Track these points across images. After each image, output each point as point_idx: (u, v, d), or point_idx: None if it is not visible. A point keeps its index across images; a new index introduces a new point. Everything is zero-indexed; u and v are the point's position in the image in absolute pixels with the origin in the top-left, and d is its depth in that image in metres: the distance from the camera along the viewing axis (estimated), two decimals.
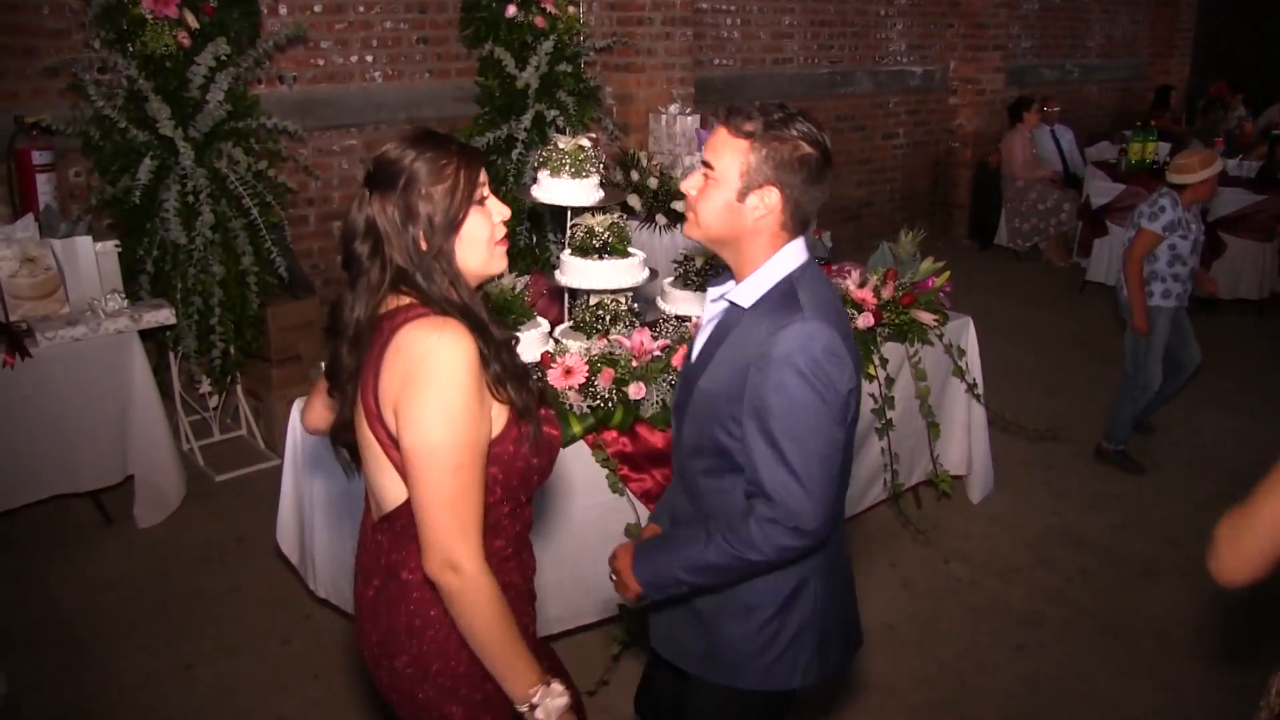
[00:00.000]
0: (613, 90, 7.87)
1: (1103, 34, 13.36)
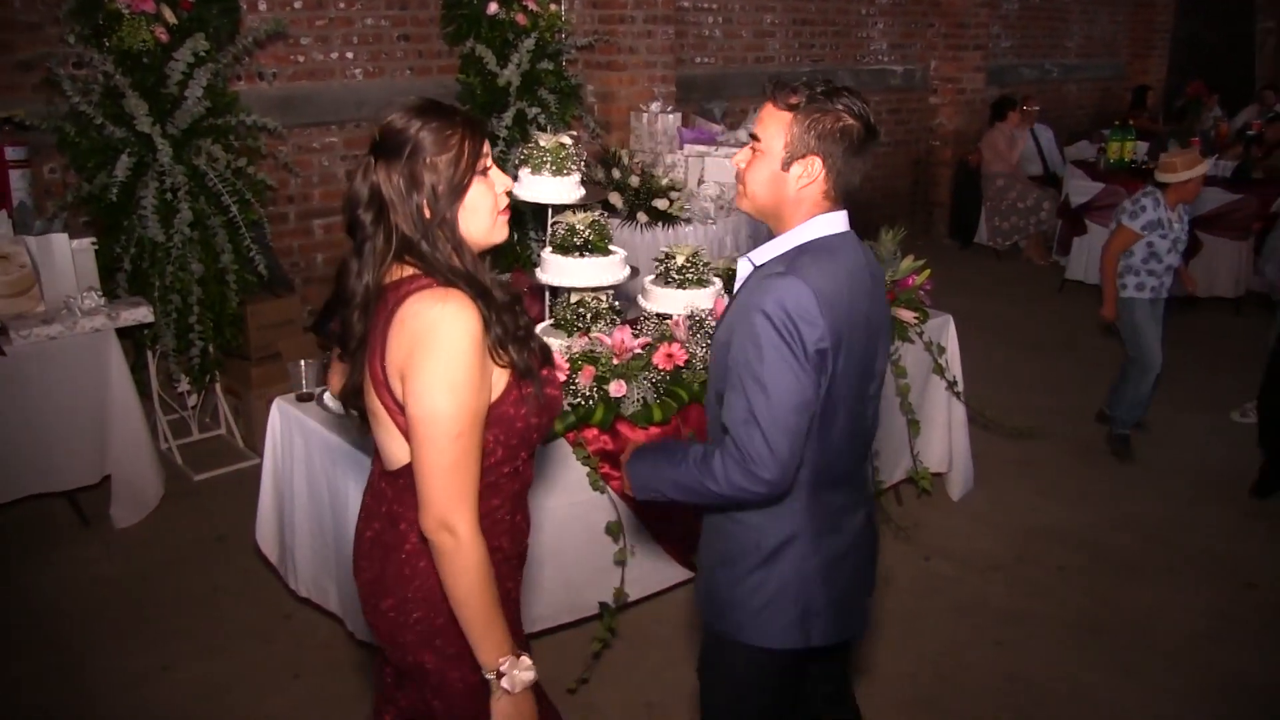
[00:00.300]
0: (594, 88, 7.86)
1: (1082, 34, 13.42)
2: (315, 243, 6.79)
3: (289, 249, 6.64)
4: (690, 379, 3.82)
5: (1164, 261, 5.61)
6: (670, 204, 6.61)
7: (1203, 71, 13.58)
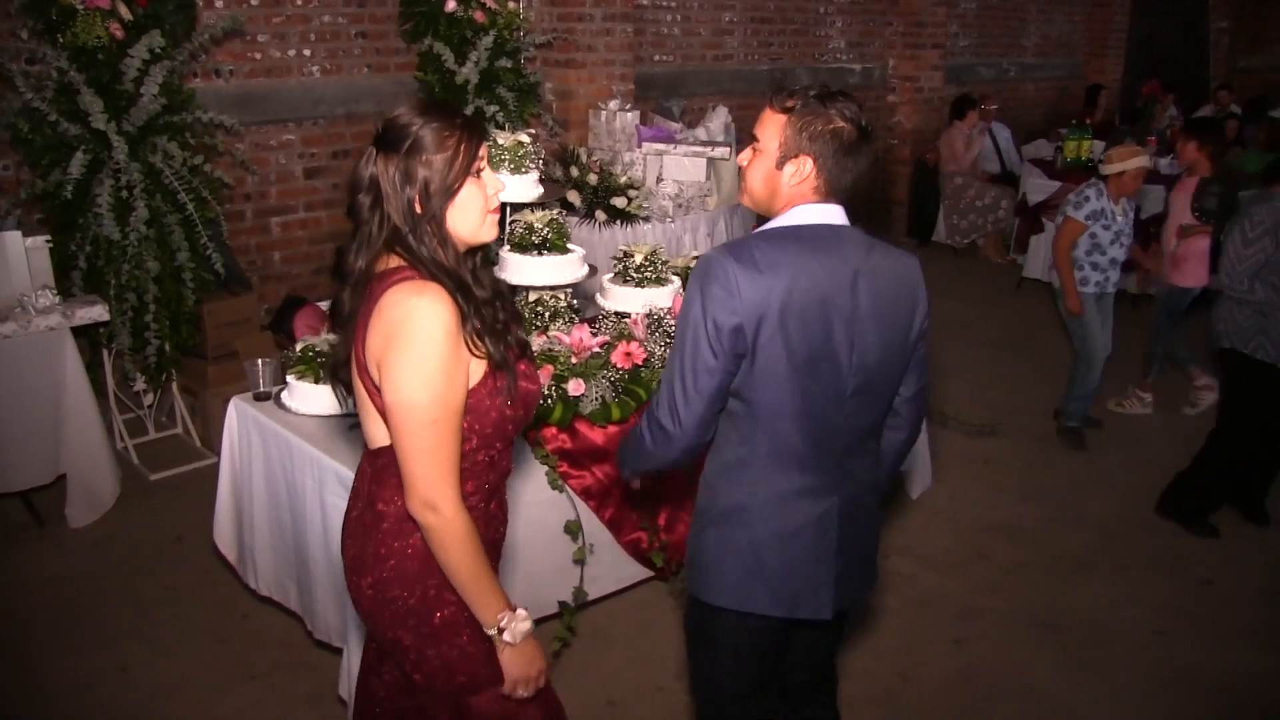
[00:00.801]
0: (553, 86, 7.85)
1: (1039, 33, 13.52)
2: (272, 241, 6.75)
3: (246, 247, 6.60)
4: (649, 377, 3.83)
5: (1107, 254, 5.75)
6: (629, 202, 6.62)
7: (1159, 71, 13.73)
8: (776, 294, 2.27)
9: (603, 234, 6.53)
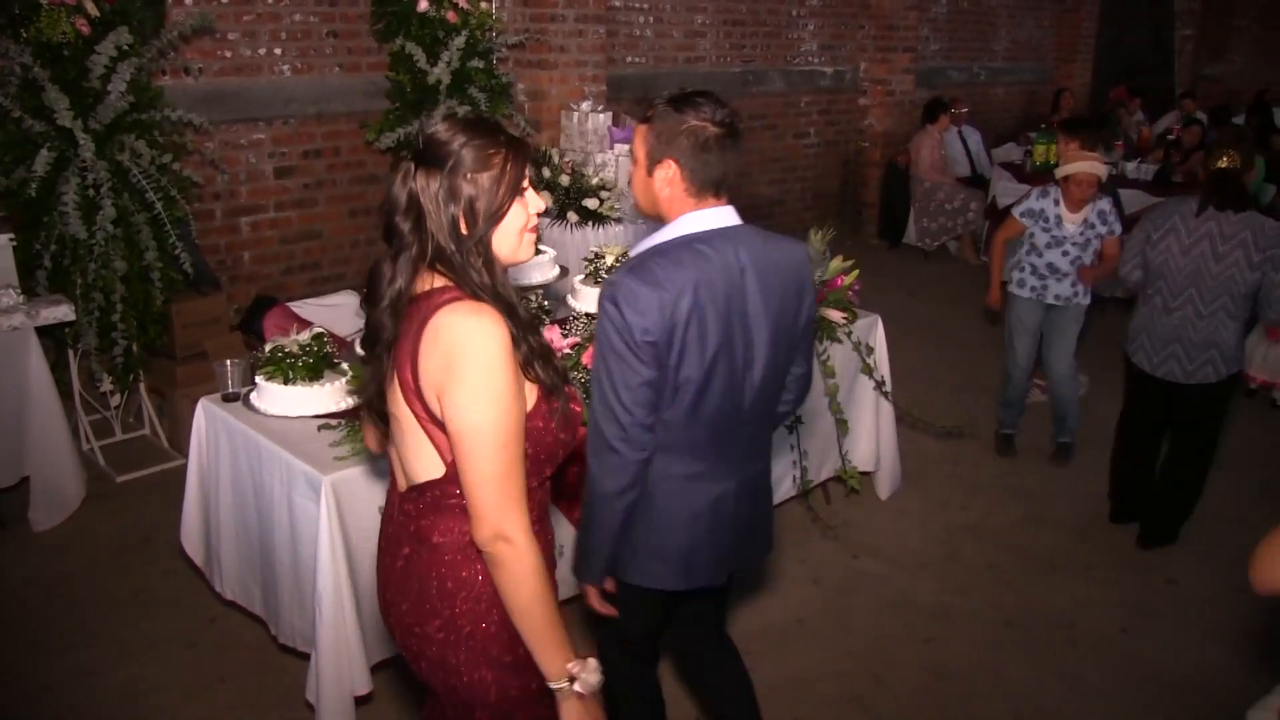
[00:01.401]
0: (525, 87, 7.84)
1: (1009, 38, 13.61)
2: (242, 240, 6.70)
3: (215, 247, 6.54)
4: None
5: (1044, 258, 5.60)
6: (600, 203, 6.61)
7: (1126, 77, 13.85)
8: (683, 306, 2.41)
9: (574, 235, 6.52)
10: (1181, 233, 4.63)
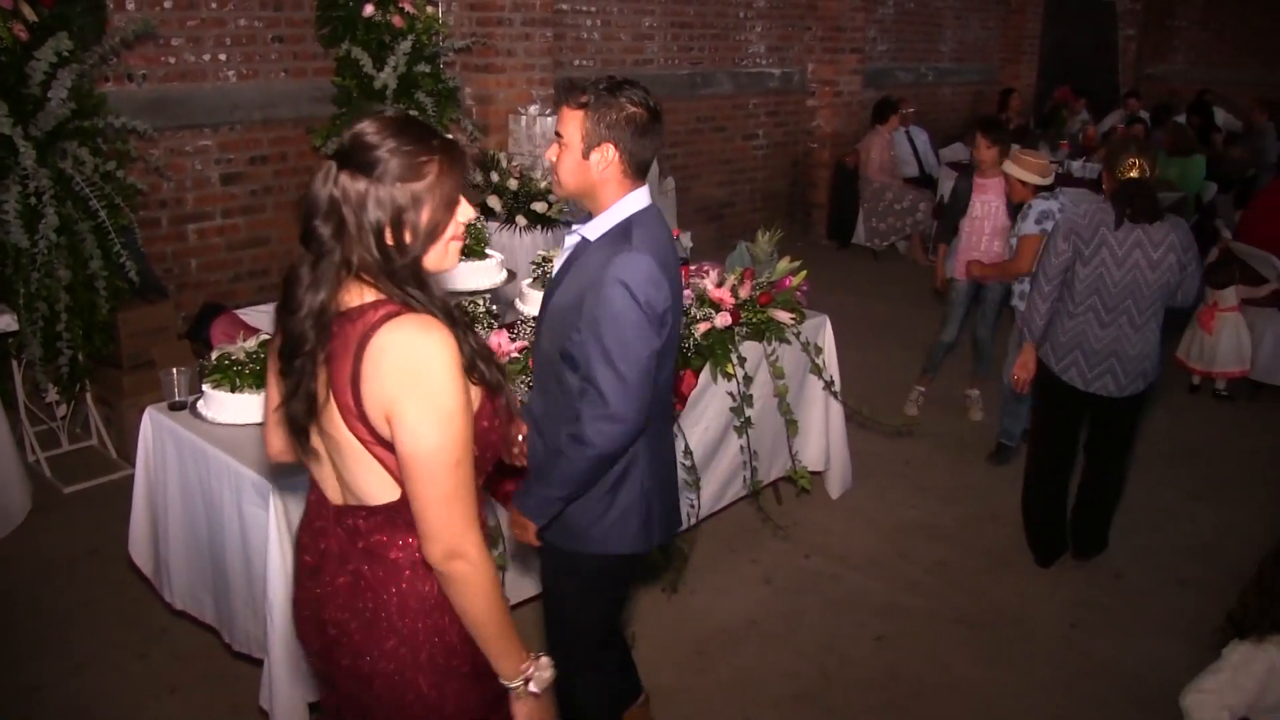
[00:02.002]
0: (472, 91, 7.82)
1: (955, 39, 13.75)
2: (189, 248, 6.65)
3: (162, 254, 6.49)
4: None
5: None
6: (549, 207, 6.61)
7: (1070, 77, 14.03)
8: (672, 274, 2.67)
9: (523, 239, 6.52)
10: (1112, 244, 4.38)
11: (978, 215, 6.11)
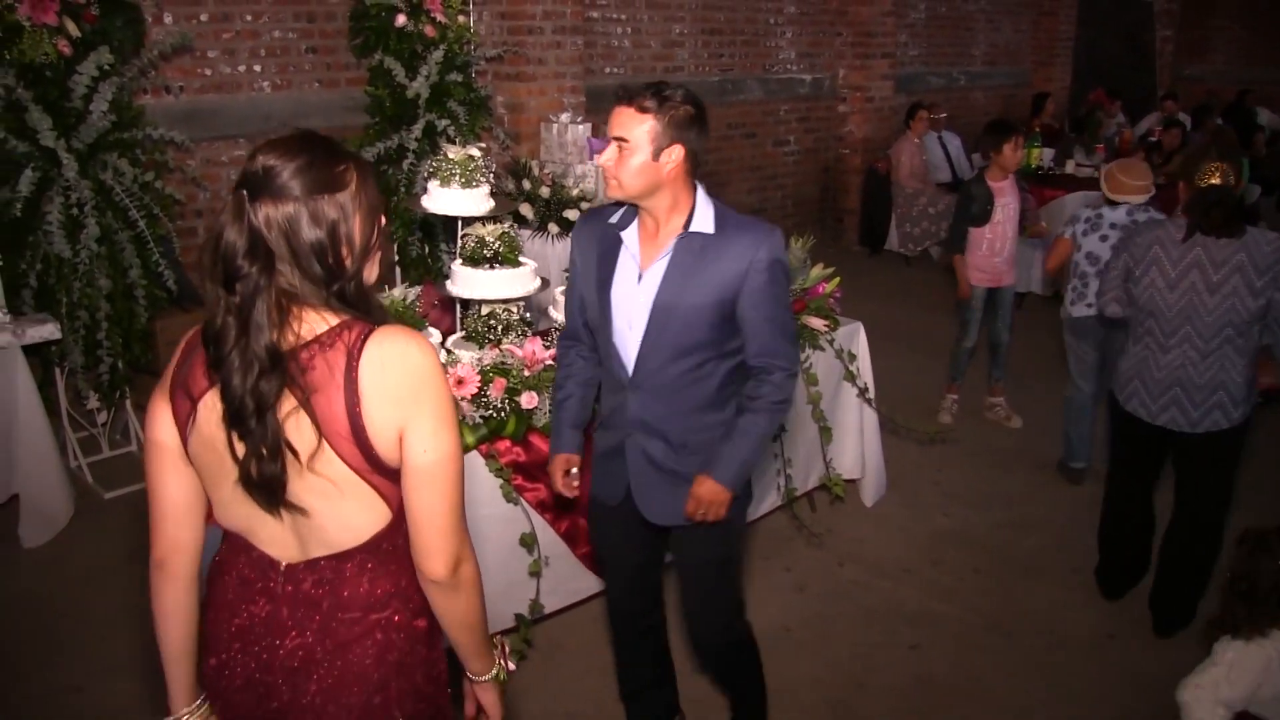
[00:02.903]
0: (504, 99, 7.88)
1: (987, 42, 13.70)
2: None
3: (199, 263, 6.55)
4: None
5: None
6: (581, 214, 6.64)
7: (1104, 79, 13.93)
8: None
9: (555, 247, 6.56)
10: (1165, 264, 4.00)
11: (999, 220, 6.13)
